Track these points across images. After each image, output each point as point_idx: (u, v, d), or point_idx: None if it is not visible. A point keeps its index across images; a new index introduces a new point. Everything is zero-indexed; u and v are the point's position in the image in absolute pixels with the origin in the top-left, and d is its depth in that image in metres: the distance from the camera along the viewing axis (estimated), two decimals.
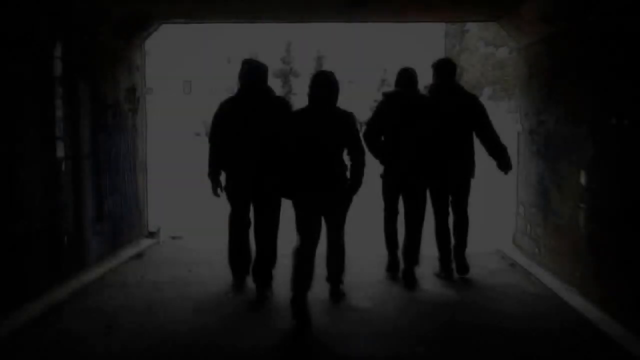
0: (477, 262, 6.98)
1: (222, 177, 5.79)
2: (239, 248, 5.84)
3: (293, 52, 46.48)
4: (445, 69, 6.24)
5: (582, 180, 5.72)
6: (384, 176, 6.05)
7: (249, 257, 5.83)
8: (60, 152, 5.86)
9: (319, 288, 5.35)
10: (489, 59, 36.28)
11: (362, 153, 5.18)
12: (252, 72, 5.63)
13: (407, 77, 6.00)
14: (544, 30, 6.67)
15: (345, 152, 5.16)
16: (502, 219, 9.44)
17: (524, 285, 6.15)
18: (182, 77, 51.81)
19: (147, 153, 8.27)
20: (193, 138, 35.22)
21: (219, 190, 5.75)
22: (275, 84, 44.54)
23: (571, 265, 5.99)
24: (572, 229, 5.95)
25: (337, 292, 5.49)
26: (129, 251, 7.24)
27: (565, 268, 6.13)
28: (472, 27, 50.74)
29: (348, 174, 5.14)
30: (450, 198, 6.32)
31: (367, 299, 5.59)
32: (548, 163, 6.69)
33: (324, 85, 5.10)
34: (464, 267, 6.30)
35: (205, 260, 6.92)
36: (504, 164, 6.16)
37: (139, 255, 7.15)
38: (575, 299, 5.59)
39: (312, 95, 5.12)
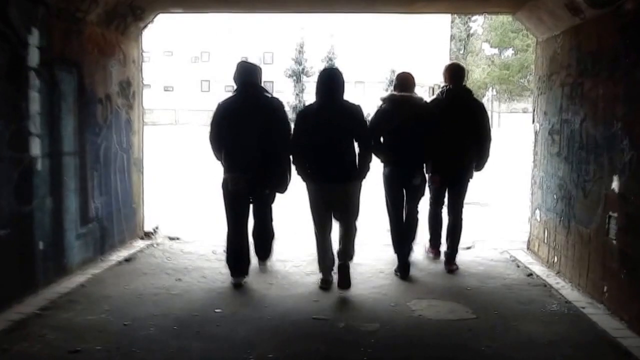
0: (492, 271, 6.09)
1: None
2: (238, 246, 5.48)
3: (305, 53, 45.49)
4: (453, 73, 6.13)
5: (615, 185, 4.79)
6: (385, 174, 5.90)
7: (248, 256, 5.57)
8: (36, 149, 4.95)
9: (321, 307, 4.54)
10: (494, 61, 35.33)
11: (370, 140, 5.32)
12: (246, 73, 5.51)
13: (404, 80, 5.91)
14: (568, 20, 5.75)
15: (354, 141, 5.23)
16: (512, 221, 8.55)
17: (545, 301, 5.18)
18: (201, 77, 51.10)
19: (143, 150, 7.32)
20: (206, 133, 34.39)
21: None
22: (287, 84, 44.01)
23: (598, 280, 5.09)
24: (601, 239, 5.05)
25: (345, 266, 5.27)
26: (119, 255, 6.30)
27: (591, 282, 5.24)
28: (477, 29, 49.90)
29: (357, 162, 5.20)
30: (447, 198, 6.20)
31: (374, 318, 4.64)
32: (571, 165, 5.77)
33: (332, 80, 5.21)
34: (451, 271, 6.04)
35: (198, 266, 6.02)
36: (479, 168, 6.17)
37: (129, 260, 6.20)
38: (604, 320, 4.67)
39: (320, 91, 5.20)
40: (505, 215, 9.36)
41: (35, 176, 4.95)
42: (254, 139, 5.26)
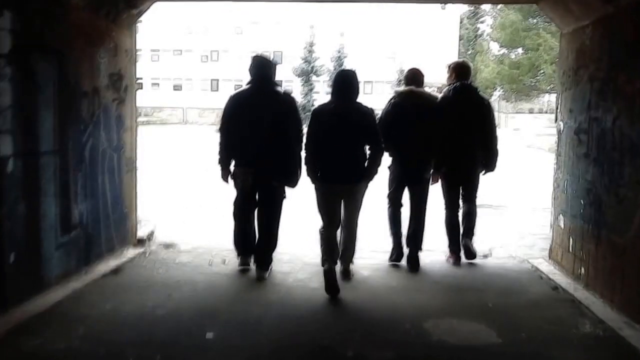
0: (514, 284, 5.50)
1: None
2: (244, 230, 5.61)
3: (314, 53, 44.78)
4: (459, 70, 6.17)
5: None
6: (391, 167, 5.92)
7: (253, 238, 5.65)
8: (6, 148, 4.31)
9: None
10: (503, 61, 34.53)
11: (380, 144, 5.25)
12: (261, 66, 5.50)
13: (413, 76, 5.94)
14: (600, 9, 5.10)
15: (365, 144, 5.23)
16: (528, 225, 7.91)
17: (577, 321, 4.51)
18: (210, 76, 50.51)
19: (136, 149, 6.66)
20: (214, 133, 33.84)
21: (228, 178, 5.56)
22: (296, 83, 43.32)
23: (635, 296, 4.44)
24: (638, 250, 4.40)
25: (347, 271, 5.46)
26: (106, 265, 5.60)
27: (627, 299, 4.58)
28: (486, 29, 49.14)
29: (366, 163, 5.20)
30: (460, 191, 6.14)
31: (387, 344, 3.97)
32: (602, 168, 5.11)
33: (347, 82, 5.21)
34: (471, 254, 6.06)
35: (191, 280, 5.34)
36: (490, 168, 6.14)
37: (116, 272, 5.51)
38: None
39: (335, 92, 5.22)
40: (520, 219, 8.71)
41: (5, 178, 4.30)
42: (263, 130, 5.27)
